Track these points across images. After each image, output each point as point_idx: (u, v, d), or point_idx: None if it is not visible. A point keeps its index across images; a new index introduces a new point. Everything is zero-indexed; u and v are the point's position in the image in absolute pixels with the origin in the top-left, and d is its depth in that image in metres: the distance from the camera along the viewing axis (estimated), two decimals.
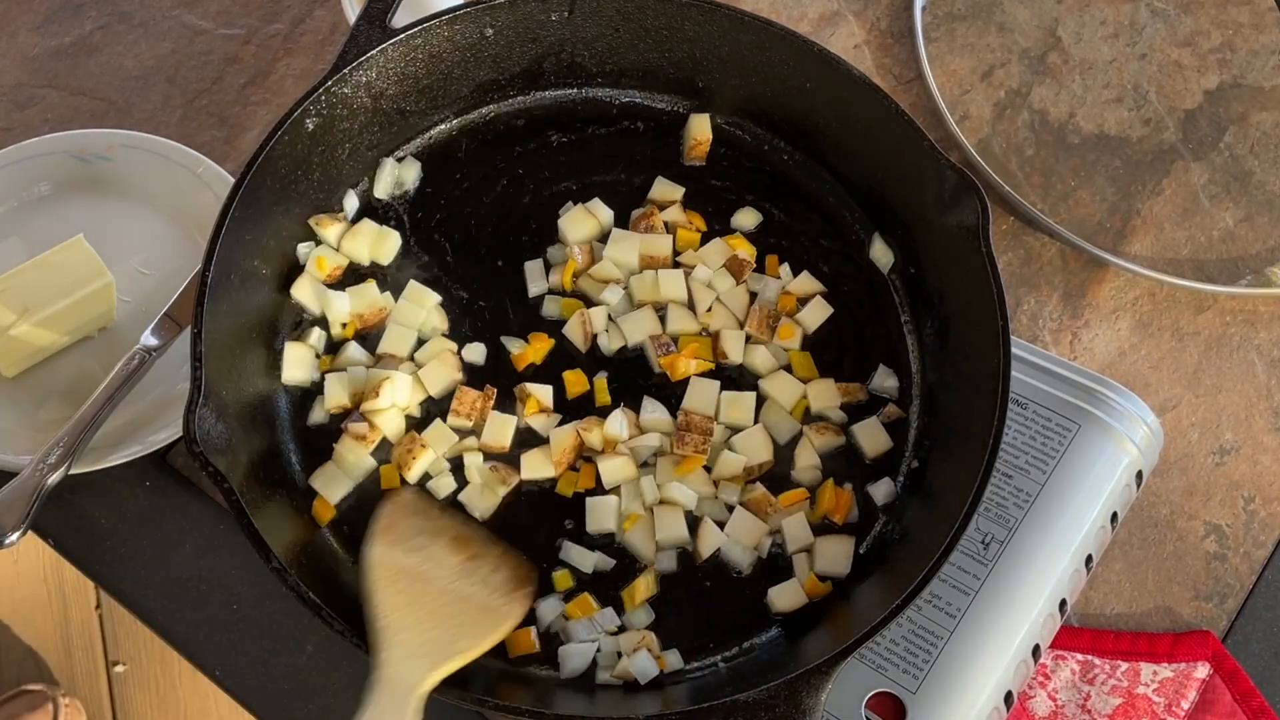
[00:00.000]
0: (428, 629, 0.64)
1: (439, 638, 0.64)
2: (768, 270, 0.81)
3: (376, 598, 0.65)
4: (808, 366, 0.78)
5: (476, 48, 0.81)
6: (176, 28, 0.97)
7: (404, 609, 0.65)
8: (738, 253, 0.80)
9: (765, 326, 0.79)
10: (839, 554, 0.73)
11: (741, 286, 0.80)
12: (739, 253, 0.80)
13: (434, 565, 0.68)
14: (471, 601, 0.67)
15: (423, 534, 0.69)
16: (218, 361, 0.70)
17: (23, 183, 0.87)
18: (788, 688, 0.63)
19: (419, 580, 0.67)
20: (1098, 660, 0.78)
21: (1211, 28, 0.99)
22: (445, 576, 0.67)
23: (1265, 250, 0.91)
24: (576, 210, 0.82)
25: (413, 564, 0.67)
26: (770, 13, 0.98)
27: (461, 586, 0.67)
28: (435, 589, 0.67)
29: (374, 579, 0.66)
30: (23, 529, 0.74)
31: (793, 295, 0.80)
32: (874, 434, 0.76)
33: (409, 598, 0.65)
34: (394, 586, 0.66)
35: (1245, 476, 0.84)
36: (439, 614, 0.66)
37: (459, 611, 0.66)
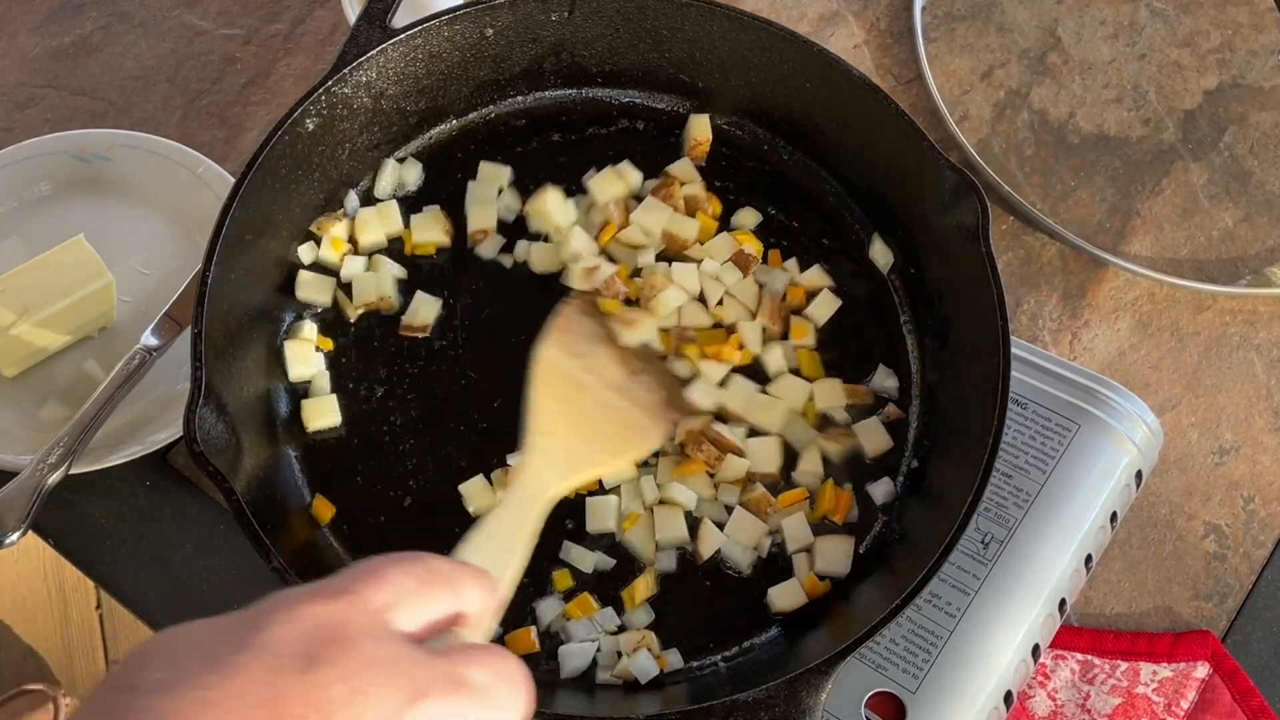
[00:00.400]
0: (571, 437, 0.65)
1: (579, 448, 0.65)
2: (771, 265, 0.81)
3: (534, 396, 0.66)
4: (814, 366, 0.78)
5: (476, 48, 0.81)
6: (176, 28, 0.97)
7: (555, 414, 0.65)
8: (744, 247, 0.80)
9: (777, 317, 0.79)
10: (839, 554, 0.73)
11: (750, 279, 0.80)
12: (745, 247, 0.80)
13: (594, 374, 0.68)
14: (620, 416, 0.67)
15: (592, 339, 0.69)
16: (218, 361, 0.70)
17: (23, 183, 0.88)
18: (788, 687, 0.63)
19: (577, 387, 0.67)
20: (1097, 660, 0.78)
21: (1211, 28, 0.99)
22: (601, 386, 0.68)
23: (1265, 250, 0.91)
24: (606, 172, 0.82)
25: (574, 368, 0.68)
26: (770, 13, 0.98)
27: (614, 398, 0.68)
28: (589, 397, 0.67)
29: (537, 376, 0.66)
30: (23, 529, 0.74)
31: (801, 287, 0.80)
32: (875, 433, 0.76)
33: (562, 403, 0.66)
34: (551, 389, 0.66)
35: (1245, 476, 0.84)
36: (586, 424, 0.66)
37: (605, 424, 0.67)
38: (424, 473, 0.76)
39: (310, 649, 0.36)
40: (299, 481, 0.75)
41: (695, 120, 0.84)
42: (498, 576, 0.47)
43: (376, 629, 0.38)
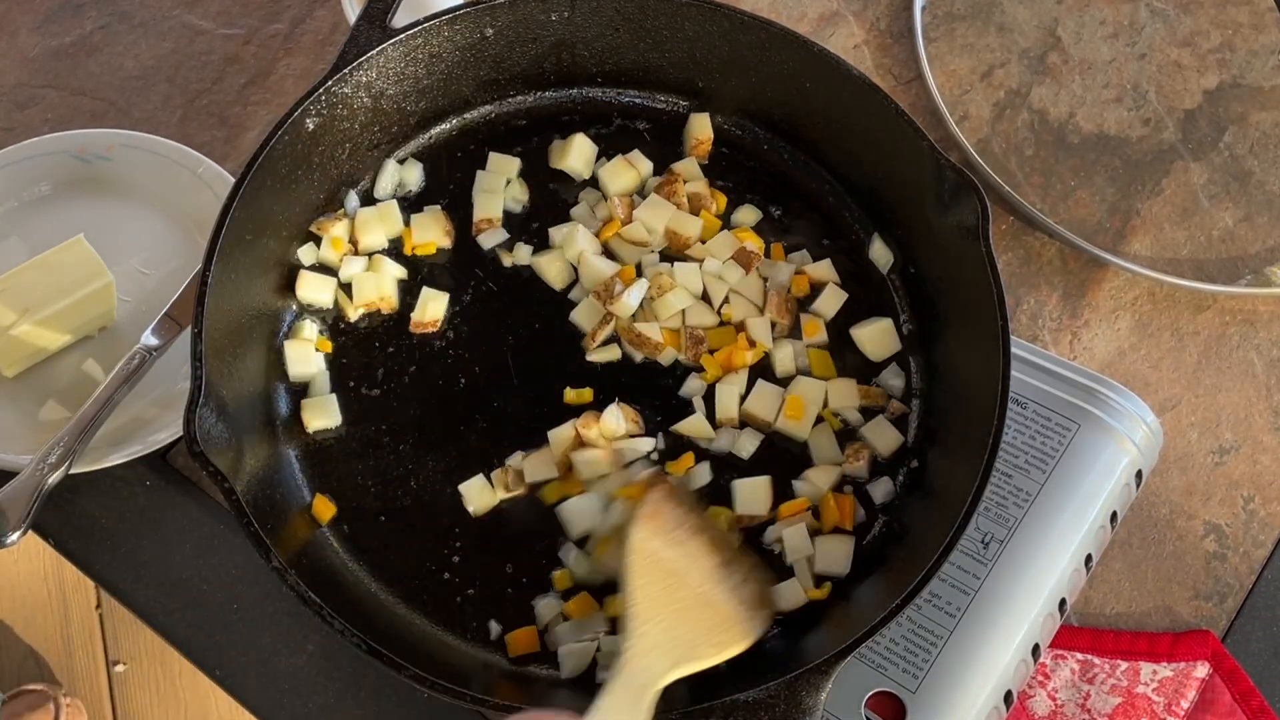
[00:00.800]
0: (674, 626, 0.64)
1: (684, 637, 0.64)
2: (774, 258, 0.81)
3: (633, 583, 0.65)
4: (826, 365, 0.78)
5: (476, 48, 0.81)
6: (177, 28, 0.97)
7: (656, 600, 0.65)
8: (745, 244, 0.80)
9: (785, 311, 0.79)
10: (839, 554, 0.73)
11: (754, 275, 0.80)
12: (746, 244, 0.80)
13: (690, 563, 0.67)
14: (718, 609, 0.67)
15: (683, 527, 0.69)
16: (218, 361, 0.70)
17: (23, 183, 0.88)
18: (788, 687, 0.63)
19: (674, 575, 0.66)
20: (1097, 660, 0.78)
21: (1211, 28, 0.99)
22: (698, 577, 0.67)
23: (1265, 250, 0.91)
24: (617, 160, 0.82)
25: (670, 557, 0.67)
26: (770, 13, 0.98)
27: (711, 591, 0.67)
28: (687, 588, 0.66)
29: (634, 564, 0.66)
30: (23, 529, 0.74)
31: (805, 277, 0.80)
32: (885, 432, 0.76)
33: (662, 590, 0.65)
34: (650, 575, 0.66)
35: (1245, 476, 0.84)
36: (687, 614, 0.65)
37: (705, 616, 0.66)
38: (424, 472, 0.76)
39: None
40: (299, 481, 0.75)
41: (696, 119, 0.84)
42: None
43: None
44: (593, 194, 0.83)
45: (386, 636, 0.65)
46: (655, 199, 0.81)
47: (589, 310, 0.79)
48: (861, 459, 0.75)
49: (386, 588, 0.73)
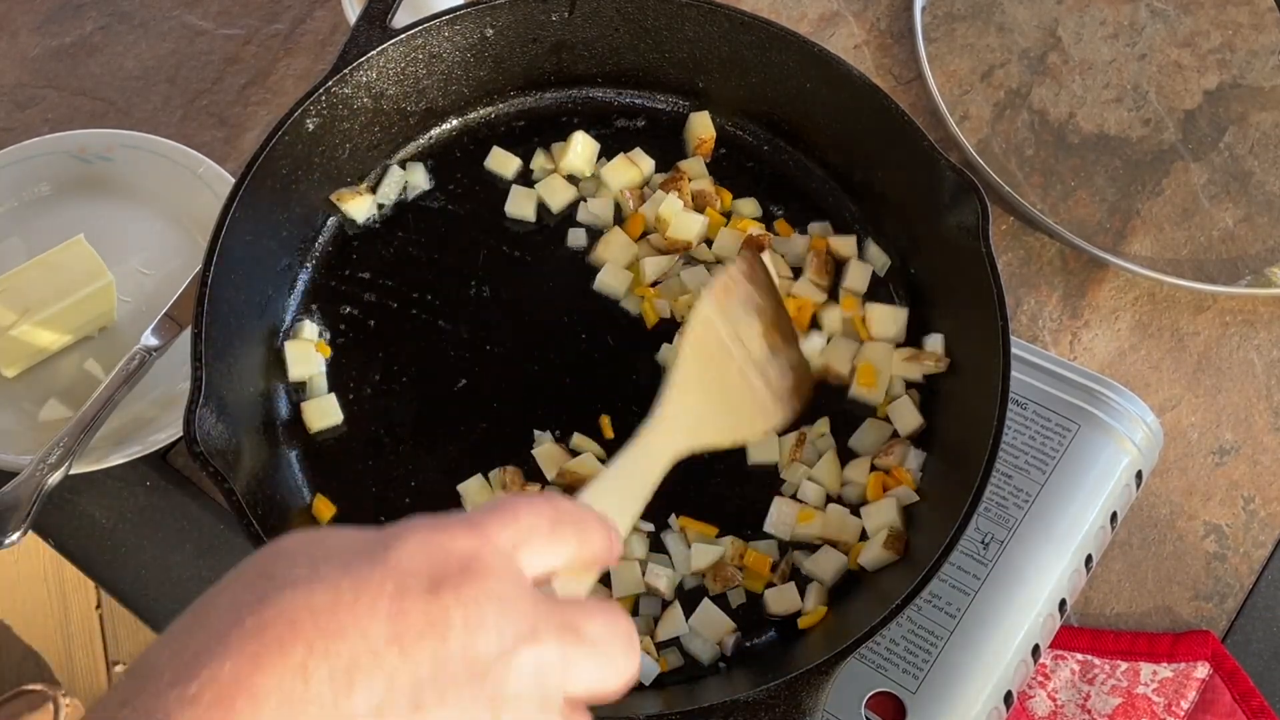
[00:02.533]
0: (706, 403, 0.66)
1: (710, 416, 0.66)
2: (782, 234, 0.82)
3: (684, 351, 0.67)
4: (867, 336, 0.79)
5: (476, 48, 0.81)
6: (177, 28, 0.97)
7: (697, 375, 0.66)
8: (750, 231, 0.80)
9: (825, 270, 0.79)
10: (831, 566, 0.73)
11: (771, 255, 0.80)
12: (751, 230, 0.80)
13: (740, 343, 0.69)
14: (753, 394, 0.69)
15: (748, 306, 0.71)
16: (218, 361, 0.70)
17: (23, 183, 0.88)
18: (788, 688, 0.63)
19: (723, 352, 0.68)
20: (1097, 660, 0.78)
21: (1211, 28, 0.99)
22: (744, 358, 0.69)
23: (1265, 250, 0.91)
24: (619, 159, 0.83)
25: (725, 334, 0.69)
26: (770, 13, 0.98)
27: (753, 374, 0.69)
28: (732, 367, 0.69)
29: (690, 331, 0.68)
30: (23, 529, 0.74)
31: (823, 240, 0.81)
32: (907, 413, 0.76)
33: (707, 365, 0.67)
34: (700, 348, 0.67)
35: (1245, 476, 0.84)
36: (722, 393, 0.67)
37: (739, 398, 0.68)
38: (424, 473, 0.76)
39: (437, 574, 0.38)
40: (299, 481, 0.75)
41: (697, 118, 0.84)
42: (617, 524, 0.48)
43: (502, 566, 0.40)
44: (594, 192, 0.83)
45: None
46: (660, 196, 0.81)
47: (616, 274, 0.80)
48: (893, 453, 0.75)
49: None
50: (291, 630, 0.36)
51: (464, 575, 0.38)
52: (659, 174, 0.83)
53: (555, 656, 0.39)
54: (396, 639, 0.37)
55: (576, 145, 0.83)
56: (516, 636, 0.38)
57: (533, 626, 0.39)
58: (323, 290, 0.80)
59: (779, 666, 0.68)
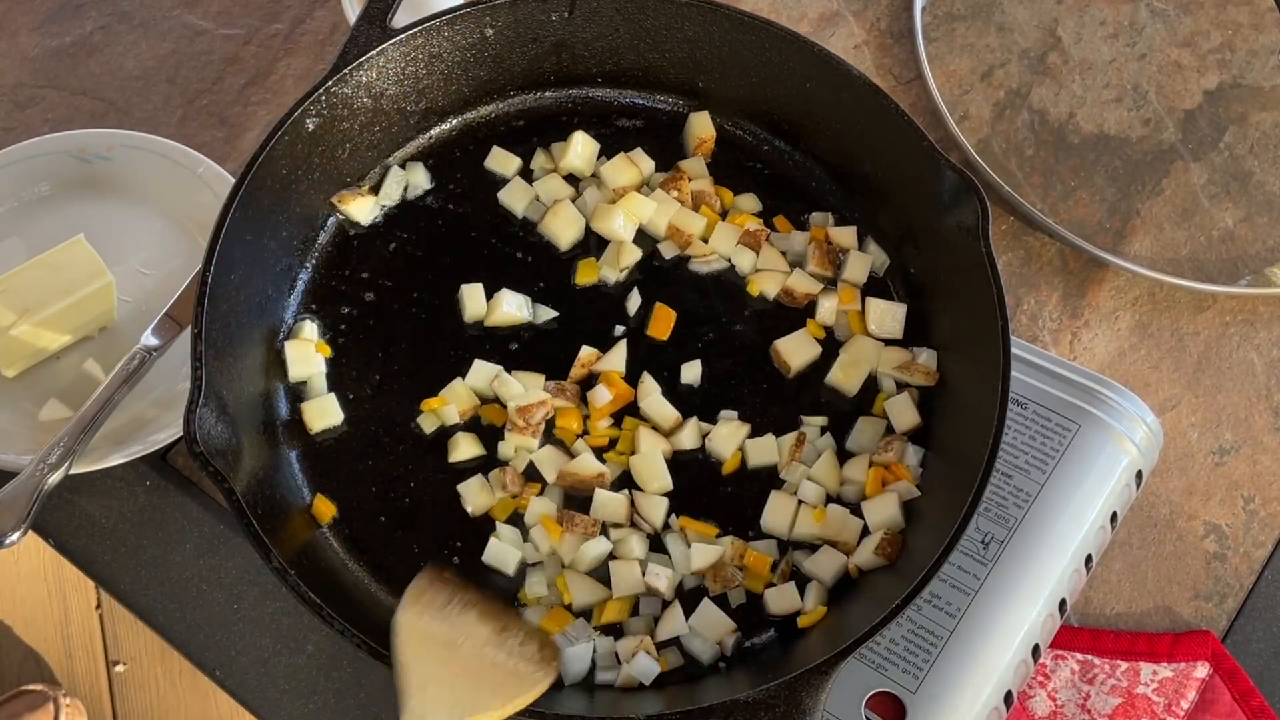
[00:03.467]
0: (455, 686, 0.64)
1: (466, 695, 0.64)
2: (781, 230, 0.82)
3: (404, 657, 0.64)
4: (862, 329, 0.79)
5: (476, 48, 0.81)
6: (177, 28, 0.97)
7: (431, 666, 0.64)
8: (748, 226, 0.81)
9: (828, 260, 0.80)
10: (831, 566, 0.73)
11: (772, 251, 0.81)
12: (749, 225, 0.81)
13: (463, 633, 0.68)
14: (501, 667, 0.67)
15: (453, 604, 0.69)
16: (218, 361, 0.70)
17: (23, 183, 0.87)
18: (788, 688, 0.63)
19: (448, 646, 0.66)
20: (1097, 660, 0.78)
21: (1211, 28, 0.99)
22: (475, 644, 0.67)
23: (1265, 250, 0.91)
24: (619, 158, 0.83)
25: (442, 630, 0.67)
26: (770, 13, 0.98)
27: (491, 653, 0.67)
28: (465, 653, 0.66)
29: (402, 641, 0.65)
30: (23, 529, 0.74)
31: (822, 230, 0.81)
32: (905, 410, 0.76)
33: (437, 658, 0.65)
34: (422, 648, 0.65)
35: (1245, 476, 0.84)
36: (467, 674, 0.65)
37: (488, 675, 0.66)
38: (424, 472, 0.76)
39: None
40: (299, 481, 0.75)
41: (696, 118, 0.84)
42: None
43: None
44: (594, 193, 0.83)
45: (386, 636, 0.65)
46: (660, 194, 0.81)
47: None
48: (892, 449, 0.75)
49: (386, 588, 0.73)
50: None
51: None
52: (659, 174, 0.83)
53: None
54: None
55: (577, 145, 0.83)
56: None
57: None
58: (323, 290, 0.80)
59: (779, 666, 0.68)
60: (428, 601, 0.68)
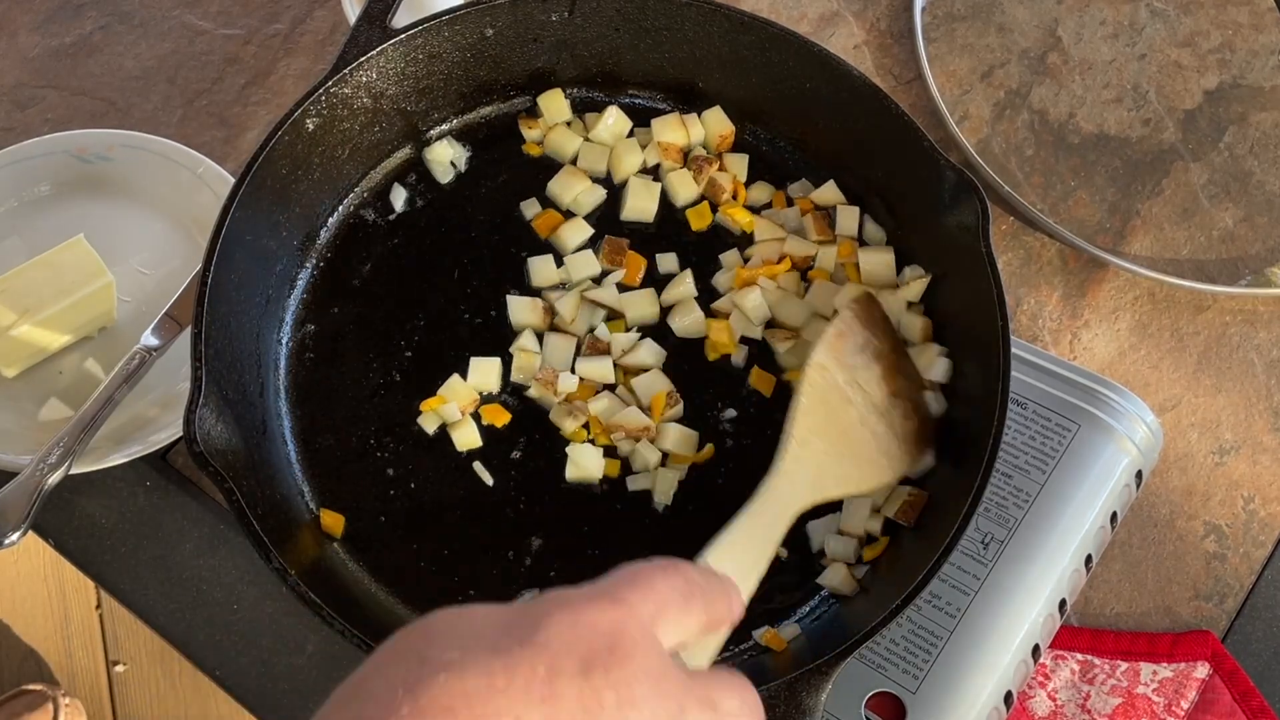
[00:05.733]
0: (828, 452, 0.66)
1: (832, 465, 0.66)
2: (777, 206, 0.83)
3: (802, 402, 0.66)
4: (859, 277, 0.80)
5: (476, 48, 0.81)
6: (177, 28, 0.97)
7: (817, 424, 0.66)
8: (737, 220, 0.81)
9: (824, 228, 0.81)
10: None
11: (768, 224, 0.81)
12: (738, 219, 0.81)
13: (859, 389, 0.69)
14: (876, 440, 0.68)
15: (864, 351, 0.70)
16: (218, 361, 0.70)
17: (23, 183, 0.87)
18: (788, 688, 0.63)
19: (842, 399, 0.68)
20: (1097, 660, 0.78)
21: (1211, 28, 0.99)
22: (864, 404, 0.68)
23: (1265, 250, 0.91)
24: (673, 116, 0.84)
25: (843, 380, 0.68)
26: (770, 13, 0.98)
27: (874, 420, 0.68)
28: (852, 414, 0.67)
29: (806, 380, 0.67)
30: (23, 529, 0.74)
31: (807, 199, 0.82)
32: (913, 322, 0.77)
33: (826, 413, 0.66)
34: (818, 396, 0.67)
35: (1245, 476, 0.84)
36: (843, 441, 0.67)
37: (861, 445, 0.67)
38: (424, 472, 0.76)
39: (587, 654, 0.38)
40: (299, 481, 0.75)
41: (711, 115, 0.84)
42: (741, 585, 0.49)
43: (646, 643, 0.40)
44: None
45: (386, 637, 0.65)
46: (684, 175, 0.82)
47: None
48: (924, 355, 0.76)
49: (386, 588, 0.73)
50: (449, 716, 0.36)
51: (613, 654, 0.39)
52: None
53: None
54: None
55: (609, 119, 0.83)
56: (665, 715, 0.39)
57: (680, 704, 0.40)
58: (323, 290, 0.80)
59: (779, 667, 0.68)
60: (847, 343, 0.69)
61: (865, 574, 0.73)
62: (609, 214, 0.83)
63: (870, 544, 0.73)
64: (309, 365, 0.78)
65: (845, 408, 0.67)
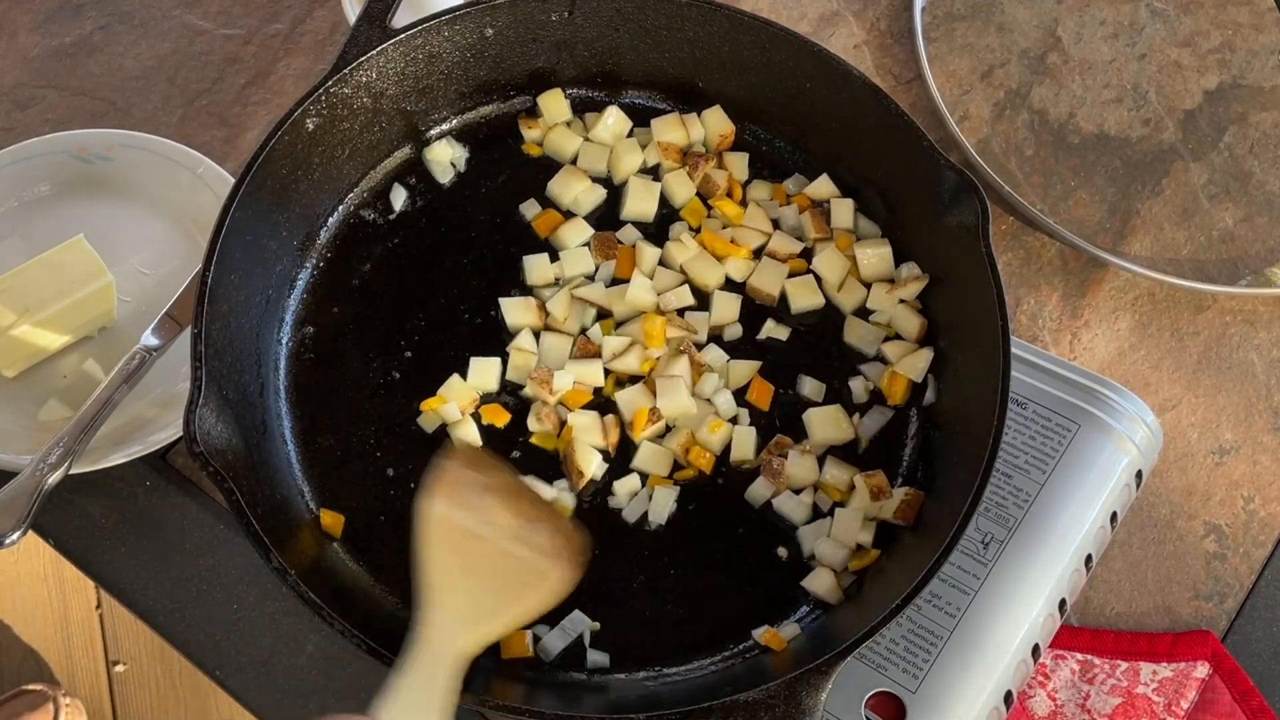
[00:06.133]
0: (475, 592, 0.64)
1: (485, 601, 0.64)
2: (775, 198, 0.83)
3: (429, 554, 0.64)
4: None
5: (476, 48, 0.81)
6: (177, 28, 0.97)
7: (454, 570, 0.64)
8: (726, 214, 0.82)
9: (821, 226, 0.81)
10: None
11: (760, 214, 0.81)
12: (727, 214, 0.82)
13: (489, 525, 0.67)
14: (522, 564, 0.66)
15: (481, 491, 0.68)
16: (218, 361, 0.70)
17: (23, 183, 0.87)
18: (788, 688, 0.63)
19: (473, 540, 0.66)
20: (1097, 660, 0.78)
21: (1211, 28, 0.99)
22: (498, 536, 0.66)
23: (1265, 250, 0.91)
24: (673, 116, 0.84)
25: (469, 523, 0.66)
26: (770, 13, 0.98)
27: (513, 547, 0.66)
28: (488, 549, 0.66)
29: (429, 535, 0.65)
30: (23, 529, 0.74)
31: (806, 197, 0.82)
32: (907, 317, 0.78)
33: (461, 558, 0.65)
34: (448, 545, 0.65)
35: (1245, 476, 0.84)
36: (488, 576, 0.65)
37: (509, 574, 0.66)
38: (424, 473, 0.76)
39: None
40: (299, 481, 0.75)
41: (711, 114, 0.84)
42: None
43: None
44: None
45: (386, 637, 0.65)
46: (682, 175, 0.82)
47: None
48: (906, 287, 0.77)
49: (386, 588, 0.73)
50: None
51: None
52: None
53: None
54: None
55: (609, 119, 0.83)
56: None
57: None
58: (323, 290, 0.80)
59: (779, 666, 0.68)
60: (457, 489, 0.68)
61: (851, 584, 0.73)
62: (609, 214, 0.83)
63: (860, 554, 0.73)
64: (309, 365, 0.78)
65: (478, 545, 0.66)
